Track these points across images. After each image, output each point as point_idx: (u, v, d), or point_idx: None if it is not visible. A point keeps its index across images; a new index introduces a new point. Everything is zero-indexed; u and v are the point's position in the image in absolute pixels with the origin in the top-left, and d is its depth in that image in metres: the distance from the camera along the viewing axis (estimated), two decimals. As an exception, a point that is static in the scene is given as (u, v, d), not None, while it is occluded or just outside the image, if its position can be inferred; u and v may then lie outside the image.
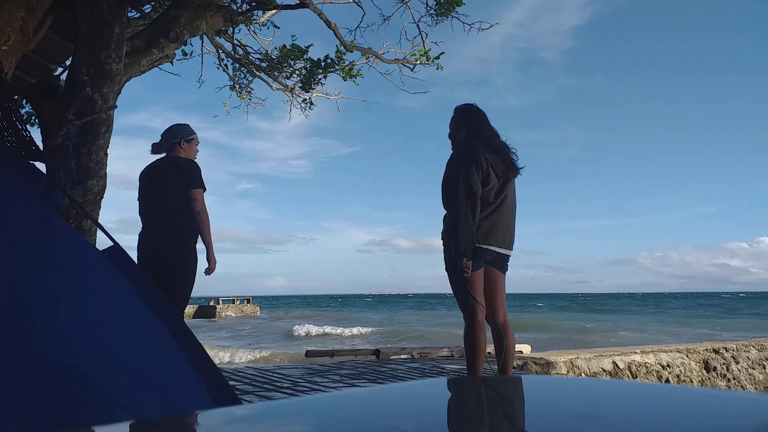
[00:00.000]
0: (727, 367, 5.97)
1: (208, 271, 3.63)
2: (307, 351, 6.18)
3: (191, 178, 3.54)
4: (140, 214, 3.70)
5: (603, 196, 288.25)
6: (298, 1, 5.70)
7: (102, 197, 3.96)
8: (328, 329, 24.76)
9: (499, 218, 3.28)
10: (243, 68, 7.68)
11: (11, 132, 2.53)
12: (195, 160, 3.74)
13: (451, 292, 3.43)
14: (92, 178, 3.83)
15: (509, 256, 3.42)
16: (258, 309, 41.69)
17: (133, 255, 2.94)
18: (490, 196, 3.26)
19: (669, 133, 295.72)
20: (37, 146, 3.51)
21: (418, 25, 7.10)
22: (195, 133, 3.80)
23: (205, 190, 3.60)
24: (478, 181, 3.21)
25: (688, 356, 5.80)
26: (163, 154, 3.76)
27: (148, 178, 3.71)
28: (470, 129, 3.40)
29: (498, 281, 3.36)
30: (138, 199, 3.73)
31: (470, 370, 3.33)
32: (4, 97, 2.57)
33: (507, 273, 3.69)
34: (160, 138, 3.78)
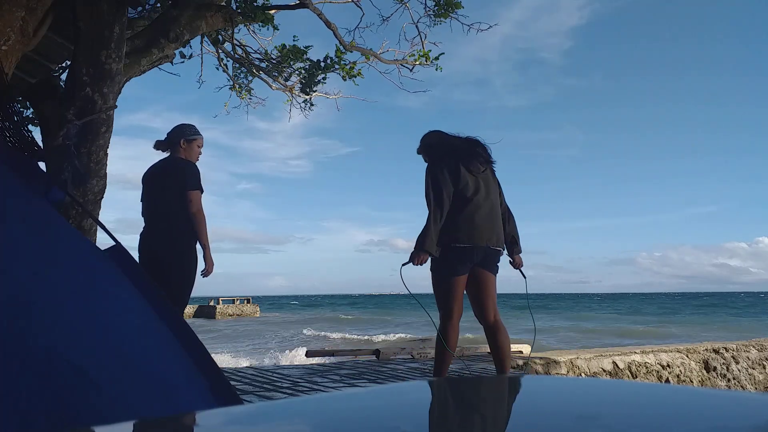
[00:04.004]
0: (727, 367, 5.97)
1: (205, 273, 3.62)
2: (307, 351, 6.18)
3: (187, 180, 3.54)
4: (142, 215, 3.71)
5: (603, 196, 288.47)
6: (298, 1, 5.70)
7: (102, 197, 3.97)
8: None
9: (479, 214, 3.29)
10: (243, 68, 7.67)
11: (13, 132, 2.53)
12: (194, 162, 3.74)
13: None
14: (92, 178, 3.83)
15: (499, 252, 3.42)
16: (258, 309, 41.65)
17: (135, 254, 2.94)
18: (465, 194, 3.29)
19: (668, 133, 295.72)
20: (40, 147, 3.51)
21: (417, 26, 7.09)
22: (199, 134, 3.78)
23: (202, 191, 3.59)
24: (447, 179, 3.26)
25: (688, 356, 5.79)
26: (166, 153, 3.76)
27: (149, 179, 3.71)
28: (437, 145, 3.52)
29: (488, 282, 3.38)
30: (141, 200, 3.74)
31: (436, 371, 3.35)
32: (5, 98, 2.56)
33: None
34: (165, 136, 3.79)
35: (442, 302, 3.31)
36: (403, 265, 3.32)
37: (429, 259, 3.31)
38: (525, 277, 3.76)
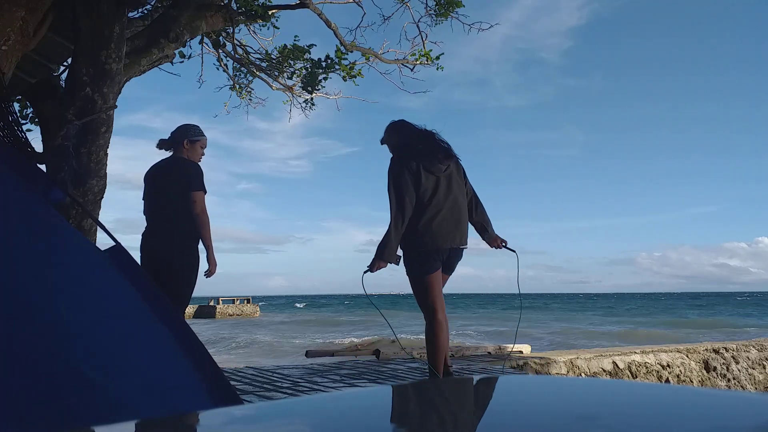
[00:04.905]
0: (727, 367, 5.97)
1: (209, 274, 3.62)
2: (307, 351, 6.18)
3: (191, 180, 3.53)
4: (144, 214, 3.71)
5: (602, 196, 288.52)
6: (298, 1, 5.70)
7: (102, 197, 3.96)
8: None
9: (441, 216, 3.33)
10: (243, 68, 7.68)
11: (7, 133, 2.54)
12: (197, 162, 3.73)
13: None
14: (92, 178, 3.83)
15: (463, 250, 3.49)
16: (258, 309, 41.62)
17: (136, 255, 2.94)
18: (425, 197, 3.33)
19: (667, 133, 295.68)
20: (33, 147, 3.51)
21: (417, 26, 7.10)
22: (202, 135, 3.78)
23: (205, 192, 3.59)
24: (408, 184, 3.30)
25: (688, 356, 5.80)
26: (169, 153, 3.76)
27: (152, 178, 3.71)
28: (399, 142, 3.55)
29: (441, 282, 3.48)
30: (143, 199, 3.74)
31: (432, 371, 3.36)
32: (1, 99, 2.57)
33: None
34: (169, 135, 3.78)
35: (423, 302, 3.36)
36: (365, 272, 3.38)
37: (402, 264, 3.40)
38: (515, 251, 3.68)
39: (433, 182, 3.35)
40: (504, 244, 3.66)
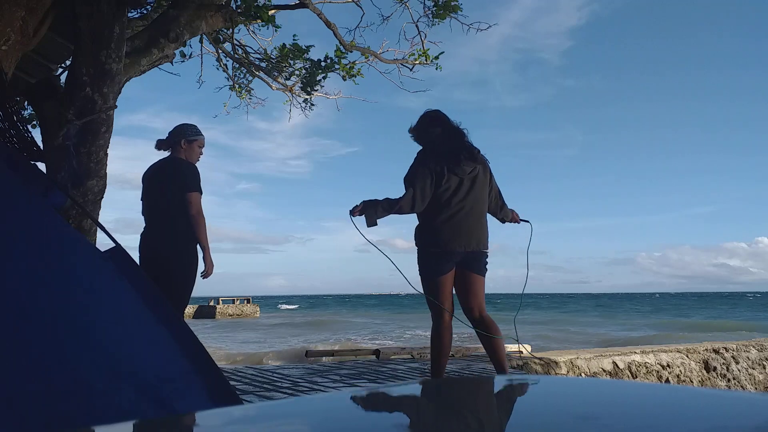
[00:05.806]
0: (727, 367, 5.97)
1: (205, 275, 3.62)
2: (307, 351, 6.18)
3: (187, 181, 3.53)
4: (143, 215, 3.71)
5: (602, 195, 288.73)
6: (298, 1, 5.70)
7: (102, 197, 3.96)
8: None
9: (458, 218, 3.28)
10: (242, 68, 7.67)
11: (13, 133, 2.54)
12: (195, 163, 3.73)
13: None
14: (92, 178, 3.83)
15: (483, 253, 3.40)
16: (258, 309, 41.53)
17: (135, 255, 2.93)
18: (445, 197, 3.28)
19: (666, 132, 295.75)
20: (39, 147, 3.52)
21: (417, 26, 7.10)
22: (200, 135, 3.77)
23: (201, 193, 3.59)
24: (427, 184, 3.25)
25: (688, 356, 5.79)
26: (167, 153, 3.76)
27: (149, 178, 3.71)
28: (429, 136, 3.47)
29: (472, 282, 3.36)
30: (141, 199, 3.74)
31: (433, 371, 3.35)
32: (5, 99, 2.57)
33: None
34: (167, 135, 3.78)
35: (431, 302, 3.33)
36: (351, 214, 3.36)
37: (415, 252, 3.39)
38: (528, 221, 3.76)
39: (456, 183, 3.28)
40: (518, 220, 3.76)
